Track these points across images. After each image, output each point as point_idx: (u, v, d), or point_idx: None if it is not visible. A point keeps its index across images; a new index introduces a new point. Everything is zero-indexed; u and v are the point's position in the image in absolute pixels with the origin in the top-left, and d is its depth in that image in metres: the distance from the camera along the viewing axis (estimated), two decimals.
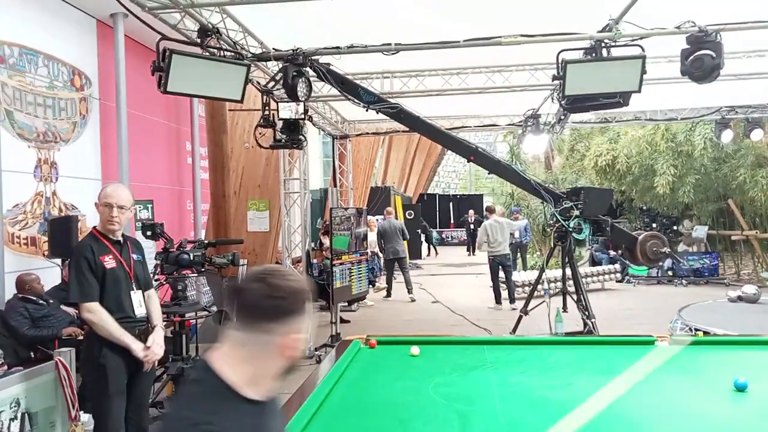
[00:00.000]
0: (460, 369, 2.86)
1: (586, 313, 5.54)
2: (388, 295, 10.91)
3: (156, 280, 4.44)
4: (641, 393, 2.48)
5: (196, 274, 4.70)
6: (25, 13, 6.02)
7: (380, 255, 11.45)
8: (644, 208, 13.47)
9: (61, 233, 5.95)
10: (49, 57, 6.37)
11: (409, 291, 10.70)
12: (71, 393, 3.09)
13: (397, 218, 14.54)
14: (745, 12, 4.46)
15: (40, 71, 6.24)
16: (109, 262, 2.94)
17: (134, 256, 3.09)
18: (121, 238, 3.07)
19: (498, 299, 9.57)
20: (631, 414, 2.24)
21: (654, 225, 12.69)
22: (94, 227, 3.12)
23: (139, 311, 3.01)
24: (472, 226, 20.16)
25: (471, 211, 21.59)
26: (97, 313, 2.82)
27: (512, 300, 9.50)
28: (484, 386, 2.59)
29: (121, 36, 7.14)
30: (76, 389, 3.20)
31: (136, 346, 2.85)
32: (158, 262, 4.36)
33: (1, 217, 5.37)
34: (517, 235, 13.21)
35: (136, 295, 3.03)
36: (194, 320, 4.88)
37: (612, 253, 12.55)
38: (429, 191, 32.14)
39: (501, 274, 9.75)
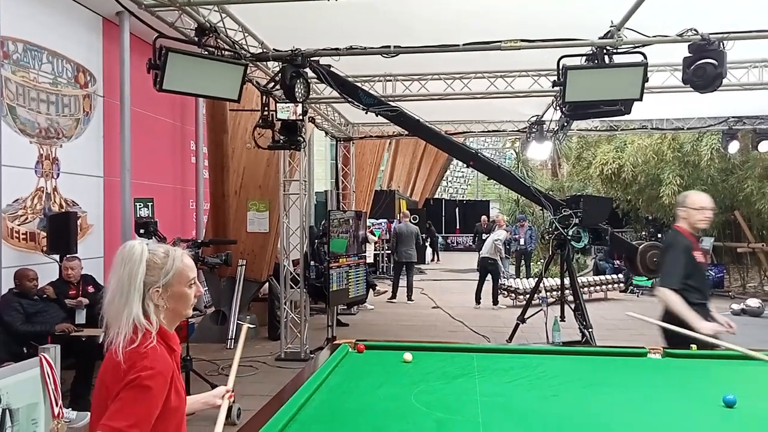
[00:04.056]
0: (445, 377, 2.81)
1: (584, 322, 5.47)
2: (393, 297, 11.01)
3: None
4: (627, 406, 2.42)
5: None
6: (31, 9, 6.04)
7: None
8: (650, 217, 13.34)
9: (60, 229, 5.98)
10: (54, 53, 6.39)
11: (409, 297, 10.93)
12: (55, 390, 3.06)
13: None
14: (750, 21, 4.39)
15: (45, 67, 6.26)
16: (699, 257, 3.55)
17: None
18: None
19: (477, 300, 10.44)
20: (611, 427, 2.19)
21: (659, 235, 12.55)
22: (679, 226, 3.65)
23: None
24: (484, 236, 16.05)
25: (483, 218, 18.07)
26: (668, 296, 3.46)
27: (494, 302, 10.38)
28: (468, 395, 2.54)
29: (126, 34, 7.17)
30: (64, 386, 3.19)
31: (701, 325, 3.31)
32: None
33: (0, 211, 5.38)
34: (522, 242, 13.21)
35: None
36: (186, 319, 4.84)
37: (617, 262, 12.44)
38: (436, 196, 32.08)
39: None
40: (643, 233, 13.29)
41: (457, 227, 27.83)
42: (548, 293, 7.44)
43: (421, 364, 3.04)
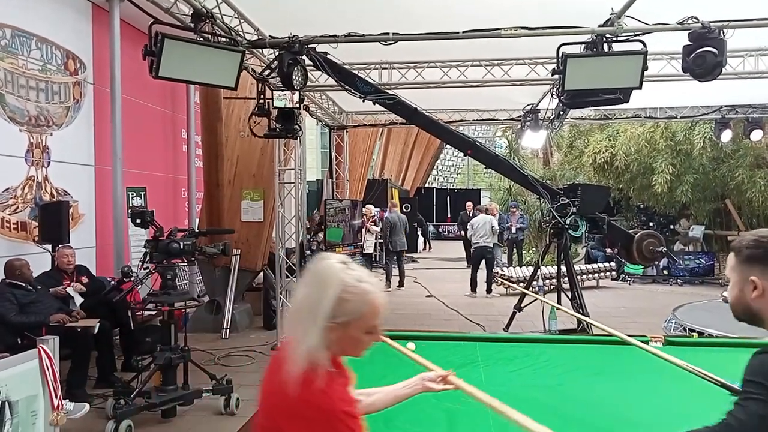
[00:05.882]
0: (450, 366, 2.79)
1: (581, 311, 5.50)
2: (388, 286, 11.05)
3: (145, 269, 4.38)
4: (632, 394, 2.43)
5: (186, 263, 4.63)
6: None
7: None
8: (641, 206, 13.43)
9: (52, 219, 5.90)
10: (43, 40, 6.26)
11: (401, 283, 11.04)
12: (54, 381, 3.02)
13: None
14: (749, 10, 4.38)
15: (33, 54, 6.13)
16: None
17: None
18: None
19: (473, 288, 10.43)
20: (619, 416, 2.19)
21: (651, 224, 12.67)
22: None
23: None
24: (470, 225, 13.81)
25: (469, 205, 15.83)
26: None
27: (488, 290, 10.35)
28: (474, 384, 2.53)
29: (116, 20, 7.03)
30: (59, 377, 3.15)
31: None
32: (147, 250, 4.29)
33: None
34: (513, 230, 13.20)
35: None
36: (184, 310, 4.81)
37: (608, 250, 12.52)
38: (427, 185, 32.08)
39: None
40: (635, 221, 13.42)
41: (448, 216, 27.89)
42: (545, 281, 7.47)
43: (425, 354, 3.00)
